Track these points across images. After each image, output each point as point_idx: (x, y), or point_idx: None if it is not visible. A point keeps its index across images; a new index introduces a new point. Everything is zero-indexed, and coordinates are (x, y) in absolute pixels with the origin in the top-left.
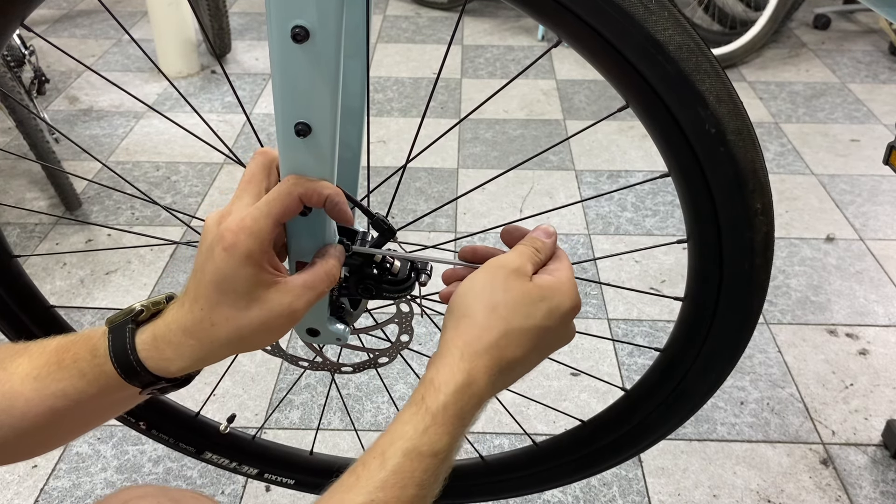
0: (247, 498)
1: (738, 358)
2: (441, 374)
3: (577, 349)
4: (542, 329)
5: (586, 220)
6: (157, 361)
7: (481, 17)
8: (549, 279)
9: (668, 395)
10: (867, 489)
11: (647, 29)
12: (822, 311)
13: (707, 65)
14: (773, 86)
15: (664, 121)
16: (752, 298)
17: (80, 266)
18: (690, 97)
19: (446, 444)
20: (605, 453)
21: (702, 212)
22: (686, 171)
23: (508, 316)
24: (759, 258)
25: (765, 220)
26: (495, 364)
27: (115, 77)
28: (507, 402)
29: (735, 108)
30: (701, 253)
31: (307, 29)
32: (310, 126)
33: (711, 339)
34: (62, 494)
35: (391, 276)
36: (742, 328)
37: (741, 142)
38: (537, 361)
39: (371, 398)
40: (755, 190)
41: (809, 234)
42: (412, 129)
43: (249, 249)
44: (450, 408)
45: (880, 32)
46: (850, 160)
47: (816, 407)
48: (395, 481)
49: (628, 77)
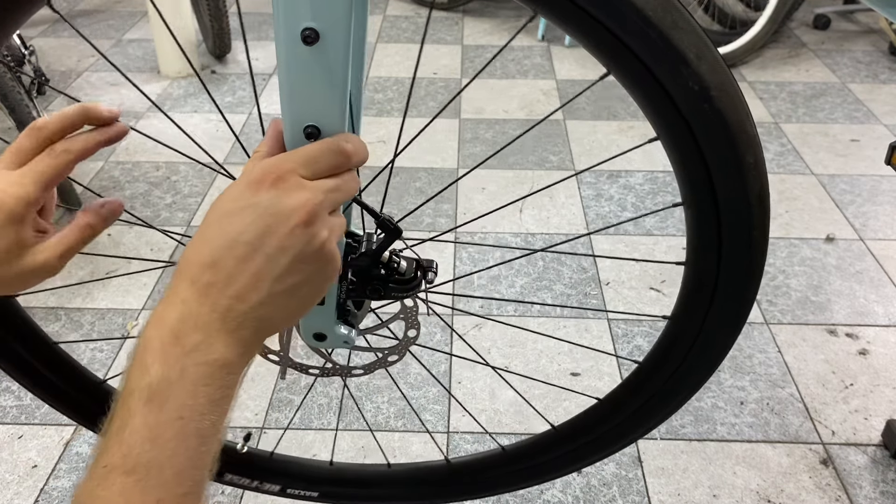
0: (247, 498)
1: (743, 316)
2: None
3: (577, 349)
4: (237, 211)
5: (586, 220)
6: None
7: (481, 17)
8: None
9: (681, 361)
10: (867, 489)
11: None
12: (822, 311)
13: (683, 22)
14: (773, 86)
15: (647, 83)
16: (753, 256)
17: (81, 266)
18: (670, 55)
19: (156, 372)
20: (625, 429)
21: (693, 173)
22: (674, 132)
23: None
24: (757, 211)
25: (756, 174)
26: (189, 279)
27: (116, 77)
28: (507, 401)
29: (716, 63)
30: (697, 217)
31: (317, 31)
32: (319, 129)
33: (717, 302)
34: (62, 494)
35: (398, 275)
36: (746, 287)
37: (725, 97)
38: (281, 275)
39: (371, 398)
40: (745, 144)
41: (809, 234)
42: (412, 129)
43: (11, 211)
44: (154, 340)
45: (880, 32)
46: (850, 160)
47: (816, 407)
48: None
49: (607, 42)
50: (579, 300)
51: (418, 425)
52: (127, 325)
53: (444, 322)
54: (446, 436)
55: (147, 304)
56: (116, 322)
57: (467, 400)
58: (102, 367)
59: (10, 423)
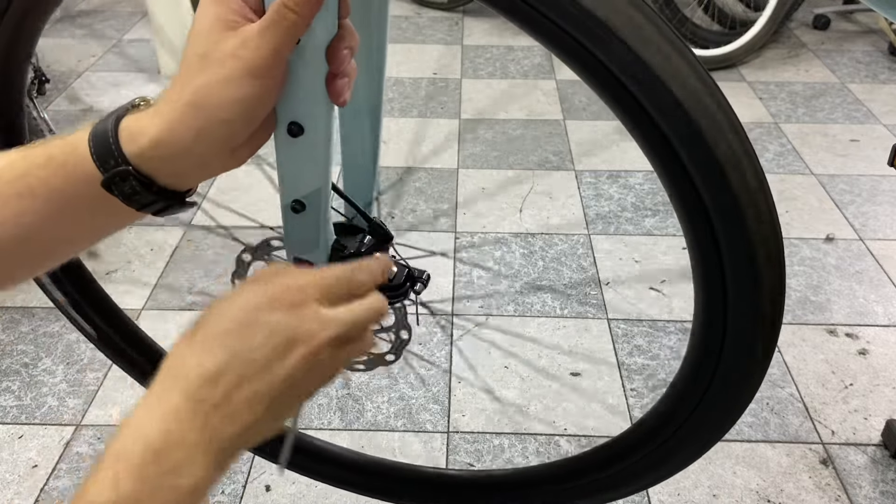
0: (247, 498)
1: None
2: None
3: (578, 348)
4: (247, 324)
5: (586, 220)
6: (131, 133)
7: (481, 17)
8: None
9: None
10: (867, 489)
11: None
12: (822, 310)
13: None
14: (773, 86)
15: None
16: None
17: None
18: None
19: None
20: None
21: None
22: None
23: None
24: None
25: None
26: (181, 392)
27: (116, 77)
28: (507, 401)
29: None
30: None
31: (301, 125)
32: (304, 205)
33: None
34: (62, 494)
35: (388, 280)
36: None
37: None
38: (277, 394)
39: (371, 398)
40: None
41: (809, 234)
42: (413, 129)
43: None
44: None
45: (880, 32)
46: (849, 160)
47: (816, 407)
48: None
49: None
50: (579, 300)
51: (418, 425)
52: None
53: (442, 323)
54: (446, 436)
55: (147, 304)
56: None
57: (467, 400)
58: (103, 367)
59: (11, 423)
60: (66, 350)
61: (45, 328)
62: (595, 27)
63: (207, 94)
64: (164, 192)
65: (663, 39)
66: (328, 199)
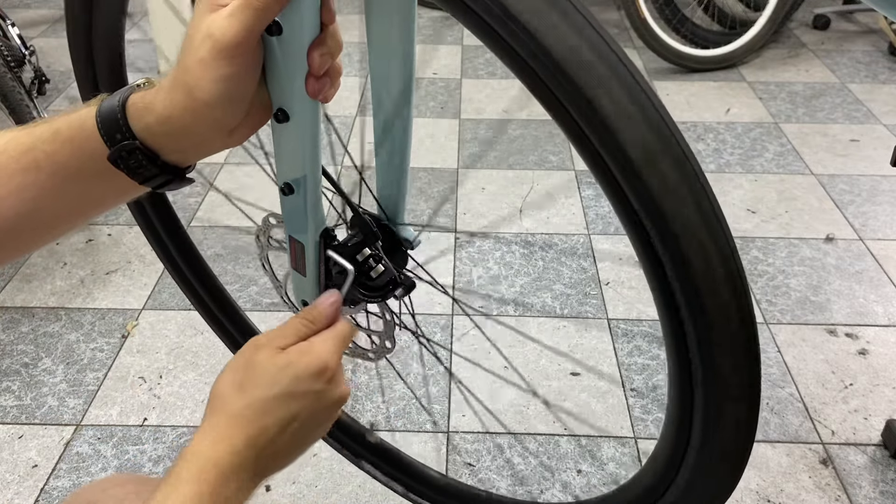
0: None
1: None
2: (189, 450)
3: (577, 349)
4: (291, 395)
5: (586, 220)
6: (138, 110)
7: None
8: (300, 345)
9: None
10: (867, 489)
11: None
12: (822, 311)
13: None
14: (773, 86)
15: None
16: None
17: (81, 266)
18: None
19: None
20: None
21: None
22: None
23: (253, 390)
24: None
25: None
26: (245, 438)
27: None
28: (507, 401)
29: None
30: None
31: (286, 112)
32: (293, 188)
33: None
34: (62, 494)
35: (367, 278)
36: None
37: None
38: (305, 434)
39: (371, 398)
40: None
41: (809, 234)
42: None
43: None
44: (192, 484)
45: (880, 32)
46: (849, 160)
47: (816, 407)
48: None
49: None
50: (579, 300)
51: (418, 424)
52: (127, 325)
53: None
54: (446, 436)
55: (147, 304)
56: (117, 322)
57: (467, 400)
58: (103, 367)
59: (11, 423)
60: (66, 350)
61: (45, 328)
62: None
63: (190, 75)
64: (167, 166)
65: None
66: (316, 186)
